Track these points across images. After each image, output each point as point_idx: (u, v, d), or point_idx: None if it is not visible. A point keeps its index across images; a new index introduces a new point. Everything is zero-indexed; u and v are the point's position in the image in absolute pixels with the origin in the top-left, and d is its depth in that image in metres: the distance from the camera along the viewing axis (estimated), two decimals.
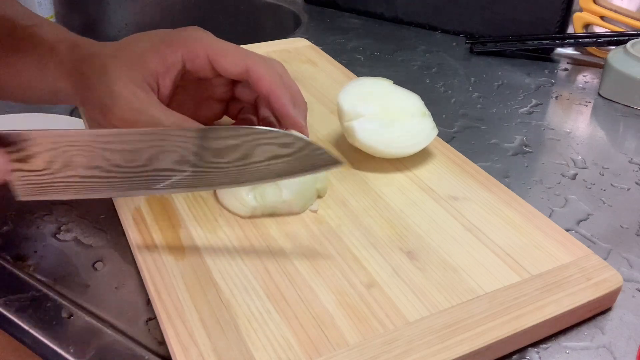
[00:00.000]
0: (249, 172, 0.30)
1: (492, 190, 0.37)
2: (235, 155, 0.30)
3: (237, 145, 0.30)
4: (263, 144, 0.30)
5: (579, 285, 0.30)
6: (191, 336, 0.26)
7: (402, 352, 0.26)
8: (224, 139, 0.30)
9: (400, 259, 0.31)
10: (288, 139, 0.30)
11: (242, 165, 0.30)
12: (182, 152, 0.30)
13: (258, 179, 0.31)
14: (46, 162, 0.30)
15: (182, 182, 0.30)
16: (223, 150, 0.30)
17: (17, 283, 0.32)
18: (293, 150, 0.30)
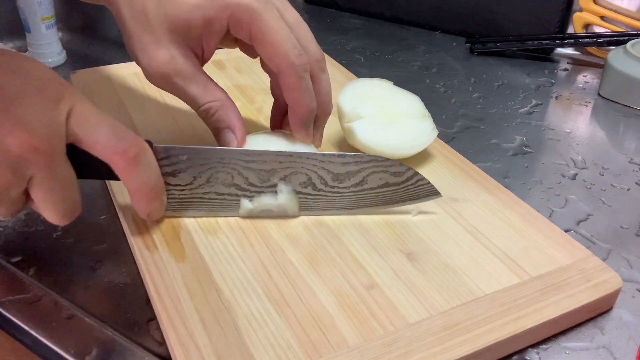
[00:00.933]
0: (361, 199, 0.33)
1: (492, 192, 0.37)
2: (353, 181, 0.33)
3: (356, 172, 0.33)
4: (379, 171, 0.33)
5: (579, 287, 0.30)
6: (191, 337, 0.26)
7: (402, 353, 0.26)
8: (347, 164, 0.32)
9: (400, 261, 0.31)
10: (401, 169, 0.33)
11: (357, 191, 0.33)
12: (309, 174, 0.32)
13: (368, 206, 0.34)
14: (192, 177, 0.32)
15: (302, 205, 0.33)
16: (343, 175, 0.33)
17: (17, 283, 0.32)
18: (402, 180, 0.33)
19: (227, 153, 0.32)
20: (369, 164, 0.33)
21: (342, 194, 0.33)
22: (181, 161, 0.31)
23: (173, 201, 0.32)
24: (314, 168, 0.33)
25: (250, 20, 0.31)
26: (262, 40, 0.32)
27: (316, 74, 0.35)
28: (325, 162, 0.33)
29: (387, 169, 0.33)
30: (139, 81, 0.49)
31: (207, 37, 0.33)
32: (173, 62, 0.32)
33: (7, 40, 0.66)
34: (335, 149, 0.41)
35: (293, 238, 0.33)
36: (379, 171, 0.33)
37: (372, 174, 0.33)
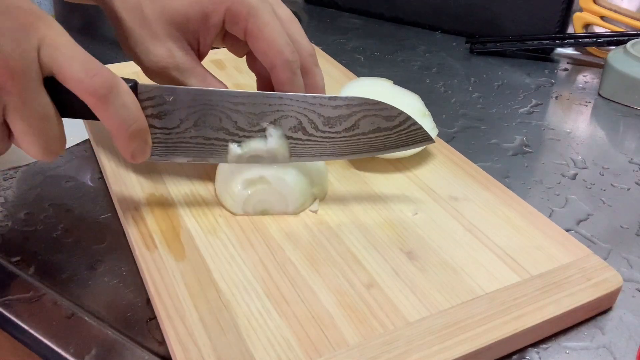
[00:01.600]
0: (353, 144, 0.32)
1: (492, 191, 0.37)
2: (345, 126, 0.31)
3: (348, 115, 0.31)
4: (370, 115, 0.31)
5: (579, 286, 0.30)
6: (191, 336, 0.26)
7: (402, 352, 0.26)
8: (338, 107, 0.31)
9: (400, 259, 0.31)
10: (393, 112, 0.31)
11: (349, 137, 0.32)
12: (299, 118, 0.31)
13: (360, 152, 0.32)
14: (179, 120, 0.31)
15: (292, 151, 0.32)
16: (335, 119, 0.31)
17: (17, 283, 0.32)
18: (394, 124, 0.32)
19: (215, 95, 0.31)
20: (361, 107, 0.31)
21: (334, 139, 0.32)
22: (167, 102, 0.30)
23: (159, 145, 0.31)
24: (305, 111, 0.31)
25: (246, 15, 0.31)
26: (258, 35, 0.32)
27: (310, 68, 0.35)
28: (315, 105, 0.31)
29: (379, 113, 0.31)
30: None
31: (204, 32, 0.33)
32: (171, 56, 0.32)
33: None
34: None
35: (293, 237, 0.32)
36: (371, 115, 0.31)
37: (363, 118, 0.32)
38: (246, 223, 0.34)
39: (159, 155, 0.32)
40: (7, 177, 0.40)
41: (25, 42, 0.25)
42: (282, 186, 0.33)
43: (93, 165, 0.41)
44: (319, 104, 0.31)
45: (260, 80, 0.38)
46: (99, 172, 0.41)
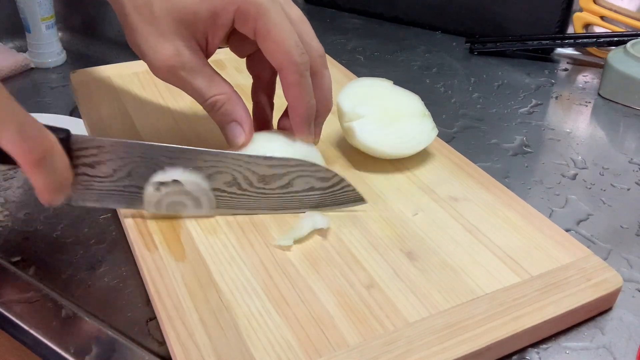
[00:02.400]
0: (287, 201, 0.33)
1: (492, 191, 0.37)
2: (280, 184, 0.33)
3: (282, 175, 0.33)
4: (305, 175, 0.33)
5: (579, 286, 0.30)
6: (191, 337, 0.26)
7: (402, 352, 0.26)
8: (273, 167, 0.32)
9: (400, 260, 0.31)
10: (328, 174, 0.34)
11: (283, 194, 0.33)
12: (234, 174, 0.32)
13: (294, 207, 0.34)
14: (112, 170, 0.31)
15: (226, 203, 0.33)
16: (269, 177, 0.33)
17: (17, 283, 0.32)
18: (328, 185, 0.34)
19: (149, 149, 0.31)
20: (296, 168, 0.33)
21: (268, 195, 0.33)
22: (99, 154, 0.30)
23: (92, 192, 0.31)
24: (239, 169, 0.32)
25: (256, 15, 0.31)
26: (267, 36, 0.32)
27: (318, 70, 0.35)
28: (251, 164, 0.32)
29: (313, 174, 0.33)
30: (139, 81, 0.49)
31: (213, 31, 0.33)
32: (178, 55, 0.32)
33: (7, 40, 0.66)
34: (335, 149, 0.41)
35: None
36: (305, 175, 0.33)
37: (298, 178, 0.33)
38: (246, 223, 0.33)
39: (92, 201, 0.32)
40: (7, 177, 0.40)
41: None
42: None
43: None
44: (254, 162, 0.32)
45: (256, 83, 0.38)
46: None
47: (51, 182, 0.28)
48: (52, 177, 0.27)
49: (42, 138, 0.26)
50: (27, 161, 0.26)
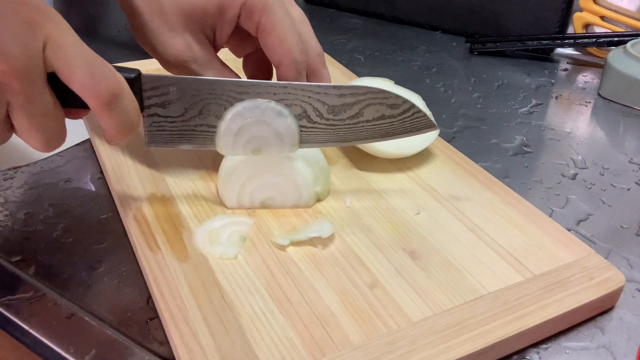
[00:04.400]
0: (358, 131, 0.32)
1: (494, 190, 0.37)
2: (349, 114, 0.32)
3: (352, 103, 0.32)
4: (375, 103, 0.32)
5: (582, 285, 0.30)
6: (195, 337, 0.26)
7: (405, 352, 0.26)
8: (343, 96, 0.31)
9: (403, 259, 0.31)
10: (397, 100, 0.32)
11: (353, 124, 0.32)
12: (304, 106, 0.31)
13: (364, 138, 0.33)
14: (183, 109, 0.31)
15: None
16: (339, 108, 0.32)
17: (17, 283, 0.32)
18: (399, 112, 0.32)
19: (219, 84, 0.31)
20: (365, 96, 0.32)
21: (338, 126, 0.32)
22: (171, 92, 0.30)
23: (164, 133, 0.31)
24: (309, 100, 0.32)
25: (262, 10, 0.32)
26: (270, 31, 0.32)
27: (318, 68, 0.35)
28: (320, 94, 0.32)
29: (383, 101, 0.32)
30: None
31: (220, 25, 0.33)
32: (189, 49, 0.32)
33: None
34: (336, 148, 0.41)
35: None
36: (376, 103, 0.32)
37: (368, 106, 0.32)
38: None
39: (164, 143, 0.32)
40: (7, 177, 0.40)
41: (30, 42, 0.25)
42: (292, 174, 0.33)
43: (93, 165, 0.41)
44: (324, 92, 0.32)
45: None
46: (99, 172, 0.40)
47: (120, 123, 0.28)
48: (122, 118, 0.28)
49: (112, 79, 0.27)
50: (97, 103, 0.26)
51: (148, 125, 0.31)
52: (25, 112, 0.26)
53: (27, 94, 0.25)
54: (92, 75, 0.26)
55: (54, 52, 0.25)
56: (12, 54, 0.24)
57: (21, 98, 0.25)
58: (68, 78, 0.26)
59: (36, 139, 0.27)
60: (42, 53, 0.25)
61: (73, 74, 0.26)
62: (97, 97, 0.26)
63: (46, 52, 0.25)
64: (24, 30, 0.24)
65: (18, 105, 0.25)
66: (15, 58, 0.24)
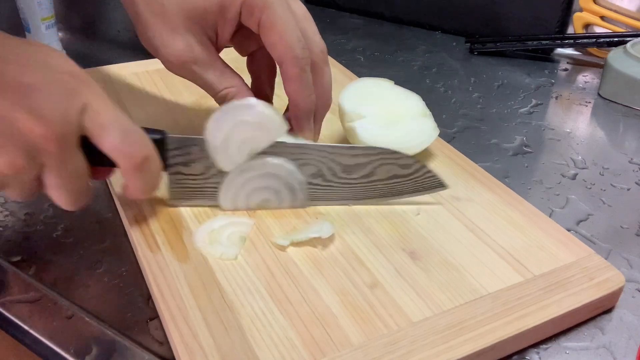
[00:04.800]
0: (370, 190, 0.34)
1: (494, 191, 0.37)
2: (362, 173, 0.33)
3: (365, 164, 0.33)
4: (387, 163, 0.34)
5: (582, 285, 0.30)
6: (195, 337, 0.26)
7: (405, 352, 0.26)
8: (356, 156, 0.33)
9: (403, 259, 0.31)
10: (409, 161, 0.34)
11: (366, 183, 0.34)
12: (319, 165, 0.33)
13: (376, 197, 0.34)
14: (204, 167, 0.33)
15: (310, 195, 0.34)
16: (353, 167, 0.33)
17: (17, 283, 0.32)
18: (410, 172, 0.34)
19: None
20: (378, 156, 0.33)
21: (351, 184, 0.34)
22: (193, 152, 0.32)
23: (186, 190, 0.33)
24: (324, 159, 0.33)
25: (262, 8, 0.32)
26: (270, 29, 0.32)
27: (320, 66, 0.35)
28: (335, 154, 0.33)
29: (395, 161, 0.34)
30: (139, 81, 0.49)
31: (222, 25, 0.33)
32: (190, 49, 0.33)
33: None
34: None
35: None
36: (388, 163, 0.34)
37: (380, 166, 0.34)
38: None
39: (186, 199, 0.33)
40: None
41: (69, 109, 0.26)
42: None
43: None
44: (338, 152, 0.33)
45: (255, 82, 0.38)
46: None
47: (146, 184, 0.30)
48: (149, 180, 0.29)
49: (143, 144, 0.28)
50: (128, 166, 0.28)
51: (172, 183, 0.33)
52: (58, 174, 0.27)
53: (62, 157, 0.26)
54: (125, 140, 0.27)
55: (90, 117, 0.27)
56: (52, 119, 0.25)
57: (55, 160, 0.26)
58: (102, 142, 0.27)
59: (64, 198, 0.28)
60: (78, 119, 0.26)
61: (107, 139, 0.27)
62: (129, 161, 0.28)
63: (83, 117, 0.27)
64: (64, 96, 0.26)
65: (51, 166, 0.27)
66: (54, 123, 0.25)
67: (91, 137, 0.27)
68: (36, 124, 0.25)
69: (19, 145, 0.25)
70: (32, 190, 0.28)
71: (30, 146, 0.25)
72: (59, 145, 0.26)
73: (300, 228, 0.33)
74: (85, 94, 0.27)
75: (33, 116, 0.25)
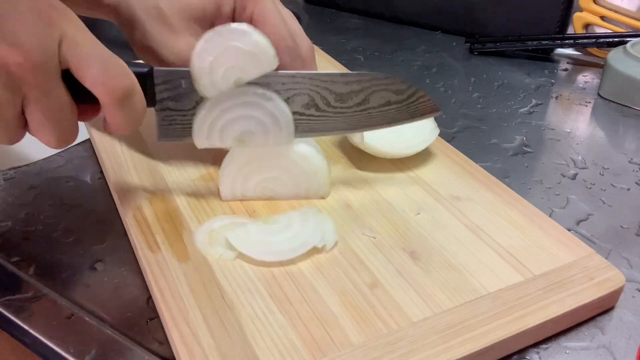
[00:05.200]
0: (364, 118, 0.33)
1: (494, 191, 0.37)
2: (356, 101, 0.33)
3: (358, 91, 0.32)
4: (380, 89, 0.33)
5: (582, 285, 0.30)
6: (195, 337, 0.26)
7: (406, 352, 0.26)
8: (349, 83, 0.32)
9: (403, 259, 0.31)
10: (402, 85, 0.33)
11: (360, 111, 0.33)
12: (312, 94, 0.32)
13: (372, 125, 0.34)
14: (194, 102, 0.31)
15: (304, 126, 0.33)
16: (346, 95, 0.32)
17: (17, 283, 0.32)
18: (404, 98, 0.33)
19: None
20: (371, 82, 0.33)
21: (345, 113, 0.33)
22: (182, 86, 0.31)
23: (176, 127, 0.32)
24: (317, 89, 0.33)
25: (254, 2, 0.34)
26: (263, 21, 0.34)
27: (308, 62, 0.36)
28: (328, 82, 0.32)
29: (388, 87, 0.33)
30: None
31: (218, 22, 0.34)
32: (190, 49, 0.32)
33: None
34: (337, 148, 0.41)
35: None
36: (381, 89, 0.33)
37: (374, 93, 0.33)
38: None
39: (176, 137, 0.32)
40: (7, 177, 0.40)
41: (47, 37, 0.25)
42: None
43: (93, 165, 0.41)
44: (331, 80, 0.32)
45: None
46: (99, 172, 0.40)
47: (128, 119, 0.28)
48: (130, 115, 0.28)
49: (126, 76, 0.27)
50: (110, 99, 0.27)
51: (160, 120, 0.31)
52: (40, 106, 0.26)
53: (43, 88, 0.25)
54: (106, 72, 0.26)
55: (69, 48, 0.26)
56: (29, 47, 0.24)
57: (36, 92, 0.25)
58: (82, 74, 0.26)
59: (50, 134, 0.27)
60: (57, 49, 0.25)
61: (87, 71, 0.26)
62: (110, 94, 0.27)
63: (62, 48, 0.26)
64: (41, 25, 0.25)
65: (33, 99, 0.26)
66: (31, 51, 0.24)
67: (71, 70, 0.26)
68: (12, 52, 0.24)
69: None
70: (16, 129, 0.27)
71: (9, 77, 0.24)
72: (38, 74, 0.25)
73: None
74: (64, 25, 0.25)
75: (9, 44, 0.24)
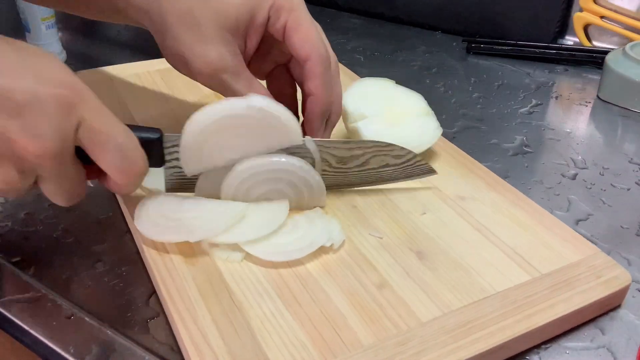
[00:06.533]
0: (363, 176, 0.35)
1: (499, 190, 0.37)
2: (356, 163, 0.35)
3: (360, 155, 0.35)
4: (381, 154, 0.35)
5: (589, 284, 0.30)
6: (204, 338, 0.26)
7: (416, 352, 0.26)
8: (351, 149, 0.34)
9: (411, 260, 0.31)
10: (402, 152, 0.35)
11: (359, 171, 0.35)
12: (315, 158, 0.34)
13: (369, 182, 0.36)
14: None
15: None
16: (348, 159, 0.35)
17: (17, 283, 0.31)
18: (402, 161, 0.36)
19: None
20: (372, 149, 0.35)
21: (346, 173, 0.35)
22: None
23: (182, 181, 0.33)
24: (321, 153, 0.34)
25: (290, 9, 0.34)
26: (297, 28, 0.34)
27: (334, 75, 0.36)
28: (330, 148, 0.34)
29: (388, 153, 0.35)
30: (140, 82, 0.48)
31: (251, 32, 0.34)
32: (222, 59, 0.33)
33: None
34: None
35: None
36: (381, 154, 0.35)
37: (374, 157, 0.35)
38: None
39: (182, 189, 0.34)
40: None
41: (65, 127, 0.26)
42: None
43: None
44: (334, 147, 0.34)
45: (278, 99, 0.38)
46: None
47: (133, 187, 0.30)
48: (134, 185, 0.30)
49: (139, 162, 0.28)
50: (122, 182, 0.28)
51: (168, 176, 0.33)
52: (54, 183, 0.27)
53: (58, 170, 0.26)
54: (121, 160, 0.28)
55: (85, 134, 0.26)
56: (48, 138, 0.25)
57: (51, 173, 0.26)
58: (98, 159, 0.27)
59: (60, 199, 0.28)
60: (73, 133, 0.26)
61: (103, 156, 0.27)
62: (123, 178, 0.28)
63: (78, 133, 0.26)
64: (60, 115, 0.25)
65: (48, 178, 0.27)
66: (50, 142, 0.25)
67: (87, 152, 0.27)
68: (30, 143, 0.25)
69: (14, 163, 0.25)
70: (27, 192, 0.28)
71: (25, 164, 0.25)
72: (54, 161, 0.26)
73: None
74: (82, 109, 0.26)
75: (27, 135, 0.24)
